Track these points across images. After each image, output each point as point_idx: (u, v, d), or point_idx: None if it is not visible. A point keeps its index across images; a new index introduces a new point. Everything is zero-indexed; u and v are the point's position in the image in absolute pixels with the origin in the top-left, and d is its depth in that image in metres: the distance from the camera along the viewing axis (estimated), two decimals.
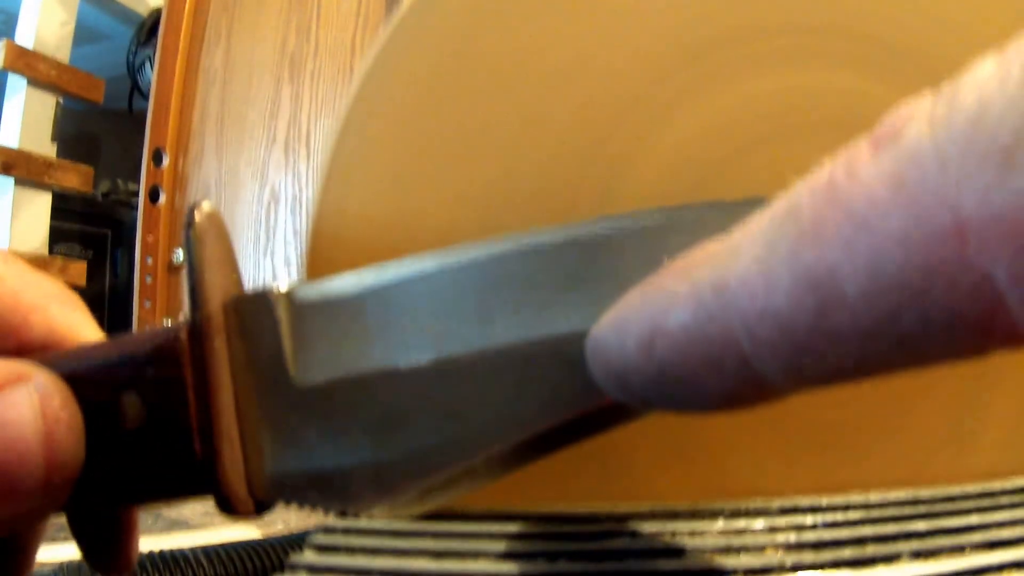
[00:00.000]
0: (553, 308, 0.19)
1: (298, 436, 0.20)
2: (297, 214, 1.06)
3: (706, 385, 0.13)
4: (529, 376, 0.19)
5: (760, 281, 0.12)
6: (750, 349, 0.12)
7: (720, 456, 0.23)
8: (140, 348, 0.20)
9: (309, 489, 0.20)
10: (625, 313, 0.15)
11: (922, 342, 0.11)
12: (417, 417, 0.19)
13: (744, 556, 0.18)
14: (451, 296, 0.20)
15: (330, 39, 1.09)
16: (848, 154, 0.11)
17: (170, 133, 1.18)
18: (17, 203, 1.30)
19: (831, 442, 0.23)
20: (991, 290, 0.10)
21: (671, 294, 0.14)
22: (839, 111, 0.23)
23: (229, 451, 0.19)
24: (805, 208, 0.12)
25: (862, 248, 0.11)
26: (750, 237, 0.13)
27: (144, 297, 1.16)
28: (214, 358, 0.20)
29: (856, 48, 0.23)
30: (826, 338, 0.12)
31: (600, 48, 0.23)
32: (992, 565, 0.17)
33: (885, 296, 0.11)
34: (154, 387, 0.20)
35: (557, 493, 0.23)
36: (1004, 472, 0.24)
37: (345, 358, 0.20)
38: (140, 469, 0.20)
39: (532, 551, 0.18)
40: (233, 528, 0.58)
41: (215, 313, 0.20)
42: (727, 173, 0.23)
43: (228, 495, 0.19)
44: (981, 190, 0.10)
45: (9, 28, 1.38)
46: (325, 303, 0.20)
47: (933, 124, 0.10)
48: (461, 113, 0.23)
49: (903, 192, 0.10)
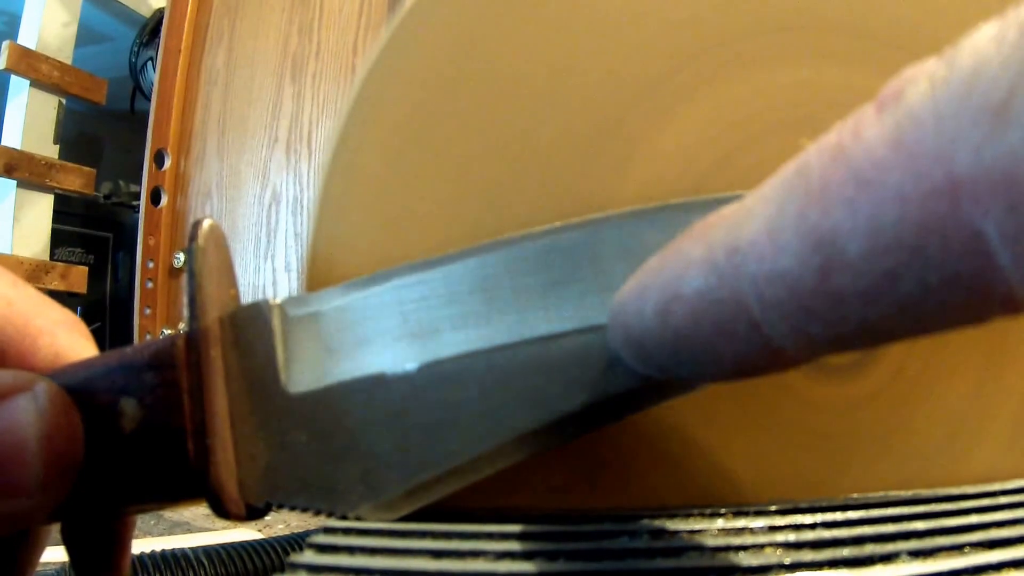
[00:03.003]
0: (535, 311, 0.19)
1: (289, 441, 0.20)
2: (298, 215, 1.06)
3: (719, 351, 0.14)
4: (512, 379, 0.19)
5: (769, 243, 0.12)
6: (760, 313, 0.13)
7: (718, 459, 0.23)
8: (139, 356, 0.21)
9: (300, 492, 0.20)
10: (644, 279, 0.15)
11: (921, 304, 0.11)
12: (404, 422, 0.20)
13: (743, 555, 0.18)
14: (434, 304, 0.20)
15: (332, 40, 1.09)
16: (856, 116, 0.12)
17: (172, 134, 1.18)
18: (19, 206, 1.30)
19: (829, 446, 0.23)
20: (983, 248, 0.10)
21: (688, 258, 0.14)
22: (834, 107, 0.23)
23: (222, 454, 0.20)
24: (813, 169, 0.12)
25: (863, 206, 0.11)
26: (762, 199, 0.13)
27: (144, 304, 1.15)
28: (209, 366, 0.20)
29: (851, 43, 0.23)
30: (831, 300, 0.12)
31: (600, 48, 0.23)
32: (991, 564, 0.17)
33: (884, 255, 0.11)
34: (151, 392, 0.20)
35: (551, 496, 0.23)
36: (1002, 477, 0.24)
37: (334, 367, 0.21)
38: (137, 470, 0.20)
39: (531, 551, 0.18)
40: (234, 530, 0.58)
41: (212, 324, 0.21)
42: (725, 171, 0.23)
43: (221, 496, 0.20)
44: (973, 147, 0.10)
45: (12, 29, 1.38)
46: (314, 315, 0.21)
47: (932, 84, 0.11)
48: (463, 113, 0.23)
49: (901, 150, 0.11)
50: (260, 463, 0.20)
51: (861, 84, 0.23)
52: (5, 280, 0.23)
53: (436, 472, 0.20)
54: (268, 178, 1.11)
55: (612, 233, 0.20)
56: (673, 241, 0.15)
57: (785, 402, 0.23)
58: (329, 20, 1.10)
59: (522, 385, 0.19)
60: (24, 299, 0.23)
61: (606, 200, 0.23)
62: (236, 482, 0.20)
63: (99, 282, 1.59)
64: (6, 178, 1.28)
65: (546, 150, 0.23)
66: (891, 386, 0.23)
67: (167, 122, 1.19)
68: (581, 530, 0.19)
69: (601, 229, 0.20)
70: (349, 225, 0.24)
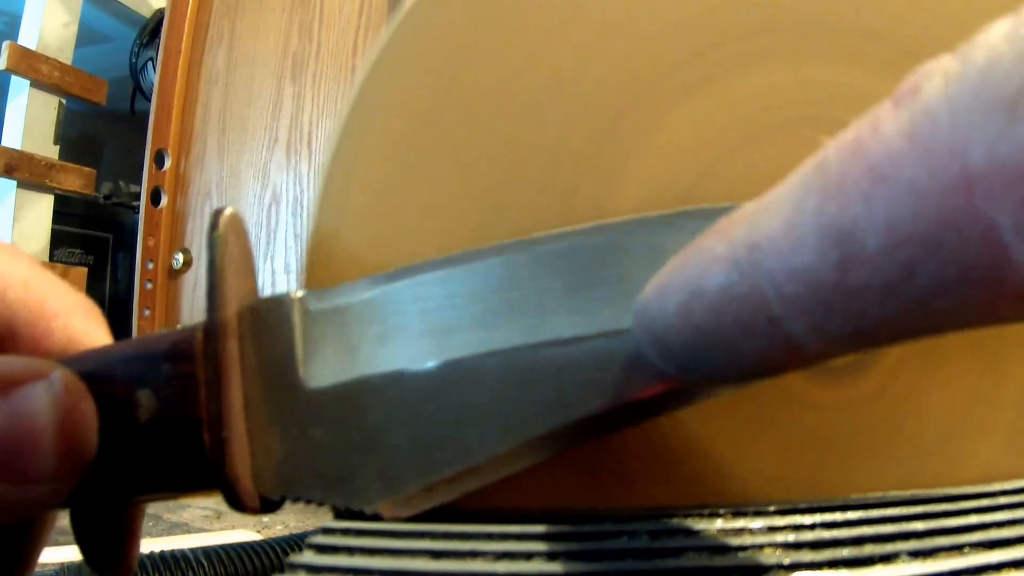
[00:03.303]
0: (556, 313, 0.19)
1: (306, 436, 0.20)
2: (298, 216, 1.06)
3: (739, 348, 0.14)
4: (532, 380, 0.19)
5: (788, 238, 0.12)
6: (780, 308, 0.13)
7: (717, 460, 0.23)
8: (157, 346, 0.21)
9: (315, 486, 0.20)
10: (668, 276, 0.15)
11: (938, 298, 0.11)
12: (422, 419, 0.20)
13: (743, 555, 0.18)
14: (456, 302, 0.20)
15: (332, 40, 1.09)
16: (873, 112, 0.12)
17: (172, 134, 1.18)
18: (19, 206, 1.30)
19: (828, 447, 0.23)
20: (997, 241, 0.10)
21: (710, 255, 0.14)
22: (835, 107, 0.23)
23: (238, 446, 0.20)
24: (831, 164, 0.12)
25: (880, 200, 0.11)
26: (782, 195, 0.13)
27: (144, 305, 1.16)
28: (226, 358, 0.20)
29: (851, 43, 0.23)
30: (849, 294, 0.12)
31: (598, 49, 0.23)
32: (991, 565, 0.17)
33: (901, 249, 0.11)
34: (168, 383, 0.20)
35: (553, 497, 0.23)
36: (1000, 478, 0.24)
37: (353, 363, 0.20)
38: (152, 460, 0.20)
39: (530, 551, 0.18)
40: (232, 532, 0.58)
41: (231, 316, 0.21)
42: (723, 171, 0.23)
43: (235, 488, 0.20)
44: (987, 141, 0.10)
45: (12, 29, 1.38)
46: (335, 309, 0.21)
47: (947, 80, 0.11)
48: (462, 115, 0.23)
49: (917, 144, 0.11)
50: (276, 456, 0.20)
51: (860, 85, 0.23)
52: (22, 262, 0.23)
53: (453, 470, 0.19)
54: (268, 178, 1.11)
55: (637, 237, 0.20)
56: (695, 239, 0.15)
57: (784, 403, 0.23)
58: (329, 20, 1.10)
59: (541, 387, 0.19)
60: (41, 282, 0.23)
61: (604, 201, 0.23)
62: (251, 475, 0.20)
63: (98, 283, 1.59)
64: (6, 178, 1.28)
65: (544, 151, 0.23)
66: (889, 387, 0.23)
67: (167, 122, 1.19)
68: (581, 531, 0.19)
69: (627, 232, 0.20)
70: (348, 226, 0.24)
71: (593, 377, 0.19)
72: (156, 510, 0.67)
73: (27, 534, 0.24)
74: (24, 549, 0.24)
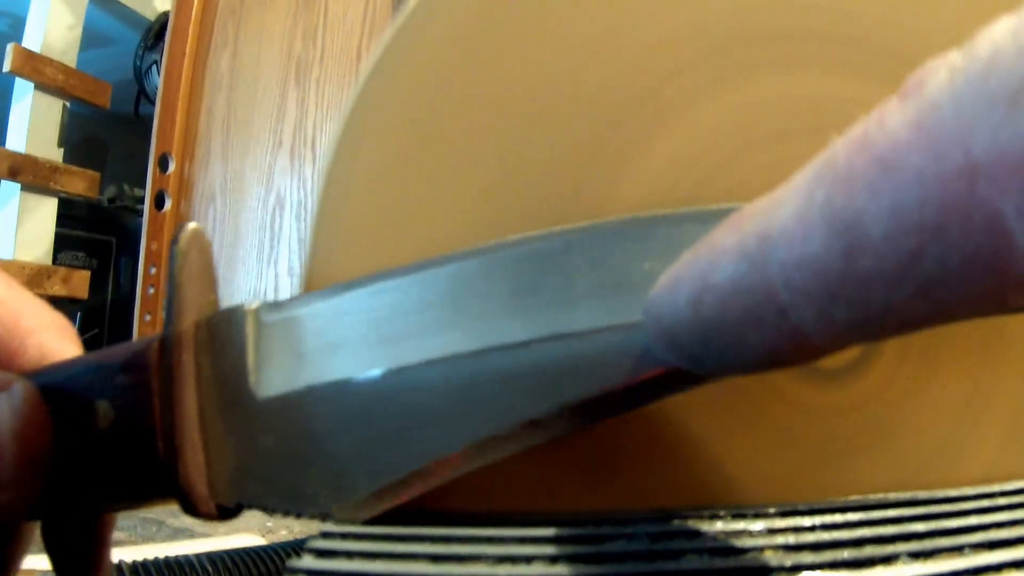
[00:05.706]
0: (502, 319, 0.20)
1: (257, 444, 0.21)
2: (302, 220, 1.07)
3: (748, 339, 0.14)
4: (476, 385, 0.19)
5: (798, 229, 0.13)
6: (788, 299, 0.13)
7: (716, 462, 0.23)
8: (115, 358, 0.22)
9: (268, 494, 0.21)
10: (678, 270, 0.16)
11: (942, 287, 0.11)
12: (369, 426, 0.20)
13: (743, 557, 0.18)
14: (405, 311, 0.20)
15: (336, 45, 1.10)
16: (881, 106, 0.12)
17: (176, 138, 1.19)
18: (23, 209, 1.30)
19: (827, 448, 0.23)
20: (1001, 228, 0.10)
21: (721, 248, 0.14)
22: (834, 117, 0.23)
23: (192, 455, 0.21)
24: (840, 156, 0.12)
25: (886, 189, 0.11)
26: (793, 188, 0.13)
27: (145, 310, 1.16)
28: (181, 369, 0.21)
29: (851, 54, 0.23)
30: (855, 283, 0.12)
31: (598, 56, 0.23)
32: (991, 565, 0.17)
33: (906, 237, 0.11)
34: (123, 393, 0.21)
35: (549, 499, 0.23)
36: (999, 478, 0.24)
37: (301, 372, 0.21)
38: (111, 469, 0.21)
39: (529, 554, 0.18)
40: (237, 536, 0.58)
41: (186, 329, 0.21)
42: (721, 179, 0.23)
43: (190, 496, 0.21)
44: (990, 130, 0.10)
45: (16, 32, 1.38)
46: (288, 320, 0.22)
47: (952, 72, 0.11)
48: (462, 120, 0.23)
49: (922, 134, 0.11)
50: (230, 464, 0.21)
51: (859, 95, 0.23)
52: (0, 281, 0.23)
53: (400, 475, 0.20)
54: (272, 182, 1.11)
55: (582, 244, 0.20)
56: (707, 234, 0.15)
57: (782, 406, 0.23)
58: (333, 25, 1.10)
59: (485, 392, 0.19)
60: (16, 299, 0.24)
61: (602, 209, 0.23)
62: (206, 483, 0.21)
63: (101, 287, 1.59)
64: (10, 181, 1.28)
65: (544, 157, 0.23)
66: (888, 389, 0.23)
67: (171, 126, 1.19)
68: (580, 533, 0.19)
69: (572, 240, 0.20)
70: (349, 230, 0.24)
71: (537, 382, 0.19)
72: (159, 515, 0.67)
73: (9, 536, 0.24)
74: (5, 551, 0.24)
